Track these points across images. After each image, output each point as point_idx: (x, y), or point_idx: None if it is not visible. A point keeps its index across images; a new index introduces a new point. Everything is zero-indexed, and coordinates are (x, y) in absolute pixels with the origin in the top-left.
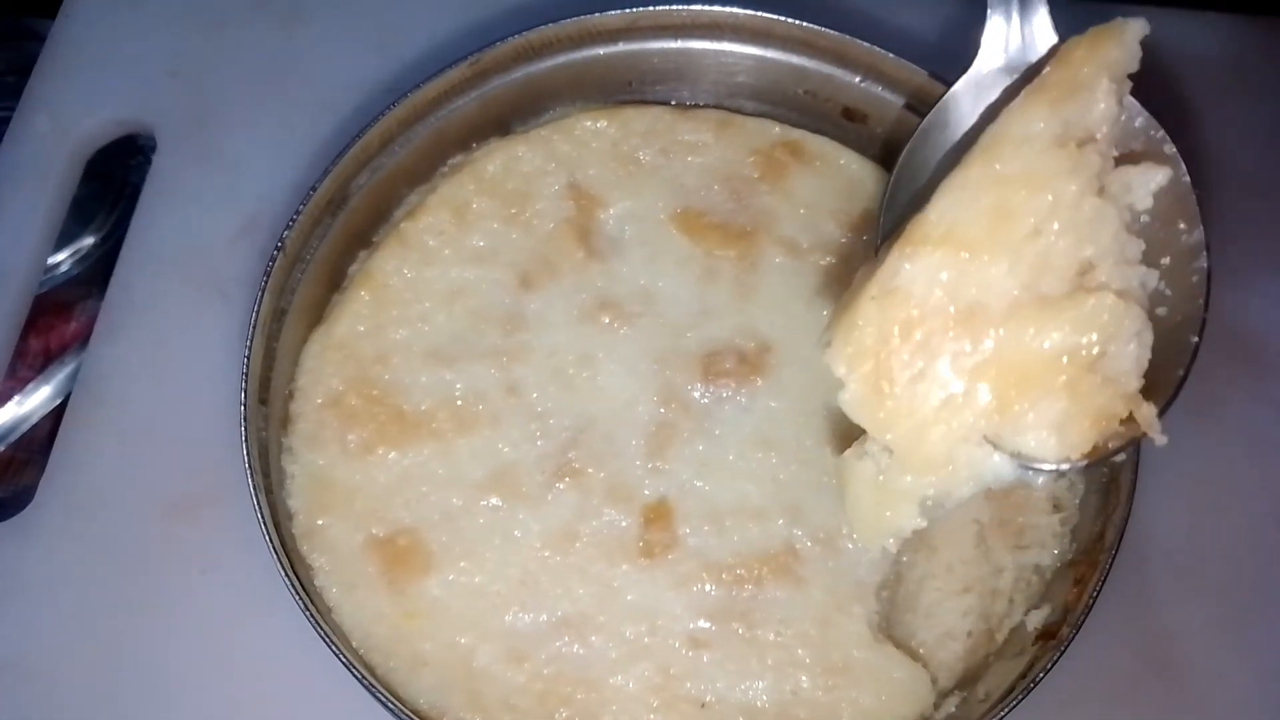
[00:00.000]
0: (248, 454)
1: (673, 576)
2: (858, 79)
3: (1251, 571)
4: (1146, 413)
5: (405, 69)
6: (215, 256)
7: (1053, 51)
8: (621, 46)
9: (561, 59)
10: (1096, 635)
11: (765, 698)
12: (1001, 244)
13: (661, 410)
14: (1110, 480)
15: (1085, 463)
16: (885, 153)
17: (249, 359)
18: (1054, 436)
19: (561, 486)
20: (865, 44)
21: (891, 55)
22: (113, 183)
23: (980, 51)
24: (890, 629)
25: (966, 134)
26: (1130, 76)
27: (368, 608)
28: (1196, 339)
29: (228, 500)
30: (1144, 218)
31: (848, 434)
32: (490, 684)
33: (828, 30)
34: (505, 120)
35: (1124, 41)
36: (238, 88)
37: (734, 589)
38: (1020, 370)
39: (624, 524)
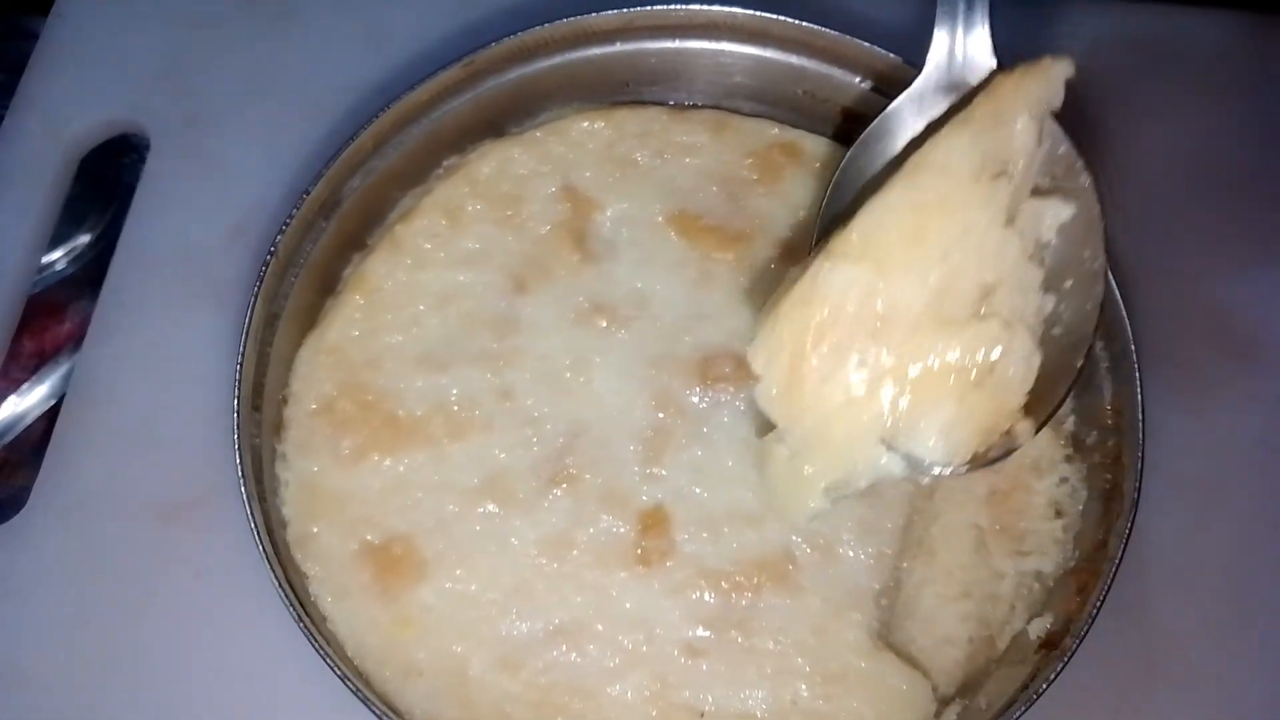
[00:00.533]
0: (240, 462)
1: (669, 584)
2: (856, 79)
3: (1252, 575)
4: (1023, 428)
5: (398, 70)
6: (208, 259)
7: (987, 80)
8: (617, 47)
9: (556, 60)
10: (1096, 639)
11: (763, 707)
12: (912, 265)
13: (658, 415)
14: (1113, 487)
15: (966, 469)
16: None
17: (241, 366)
18: (941, 442)
19: (557, 493)
20: (864, 44)
21: (891, 55)
22: (107, 181)
23: (925, 68)
24: (889, 635)
25: (904, 149)
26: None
27: (361, 616)
28: (1081, 363)
29: (221, 504)
30: (1055, 240)
31: None
32: (485, 693)
33: (826, 30)
34: (499, 122)
35: (1048, 80)
36: (230, 88)
37: (731, 596)
38: (916, 381)
39: (620, 530)
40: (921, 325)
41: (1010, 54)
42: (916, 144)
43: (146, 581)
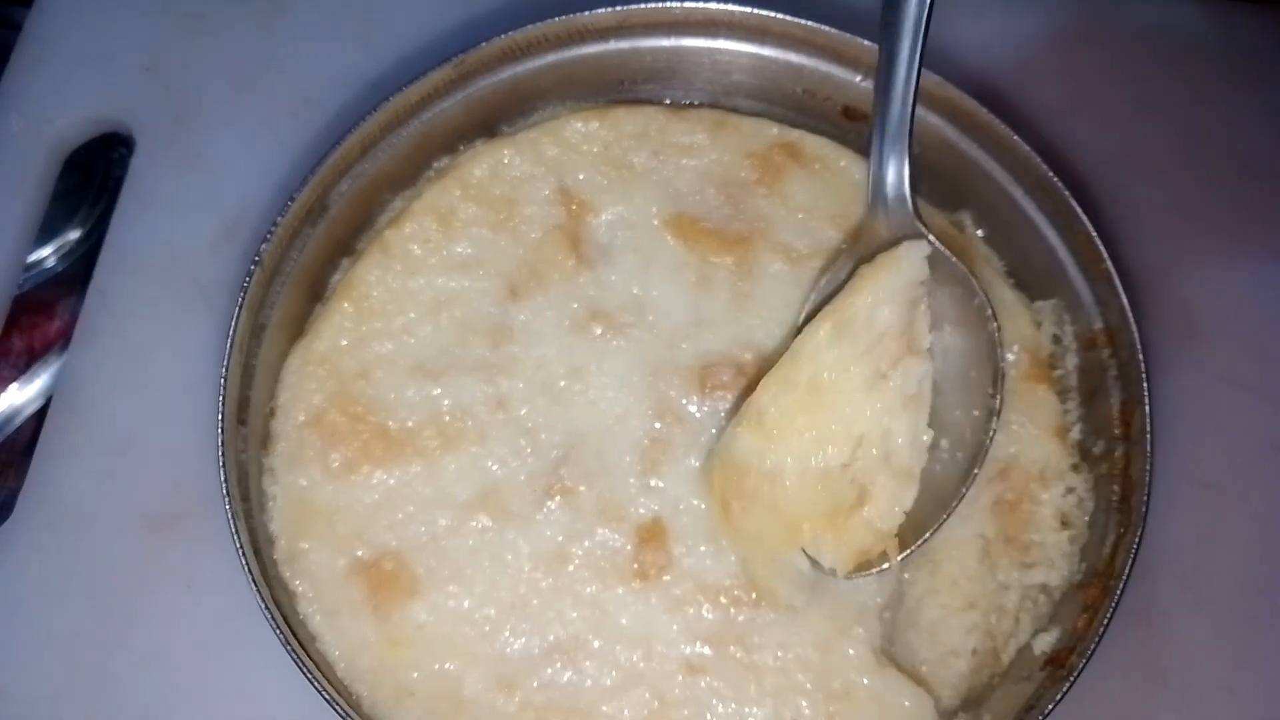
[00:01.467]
0: (225, 479)
1: (668, 599)
2: (858, 77)
3: (1265, 582)
4: (891, 552)
5: (389, 65)
6: (195, 261)
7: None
8: (612, 45)
9: (549, 58)
10: (1103, 646)
11: None
12: (789, 433)
13: (655, 425)
14: (1121, 499)
15: (855, 575)
16: None
17: (226, 380)
18: (828, 556)
19: (552, 505)
20: (865, 41)
21: None
22: (97, 176)
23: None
24: (891, 648)
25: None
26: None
27: (351, 636)
28: (965, 489)
29: (209, 516)
30: (957, 371)
31: None
32: (479, 714)
33: (826, 27)
34: (492, 122)
35: (903, 269)
36: (216, 84)
37: (731, 611)
38: (803, 516)
39: (617, 544)
40: (805, 475)
41: (1015, 50)
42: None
43: (133, 595)
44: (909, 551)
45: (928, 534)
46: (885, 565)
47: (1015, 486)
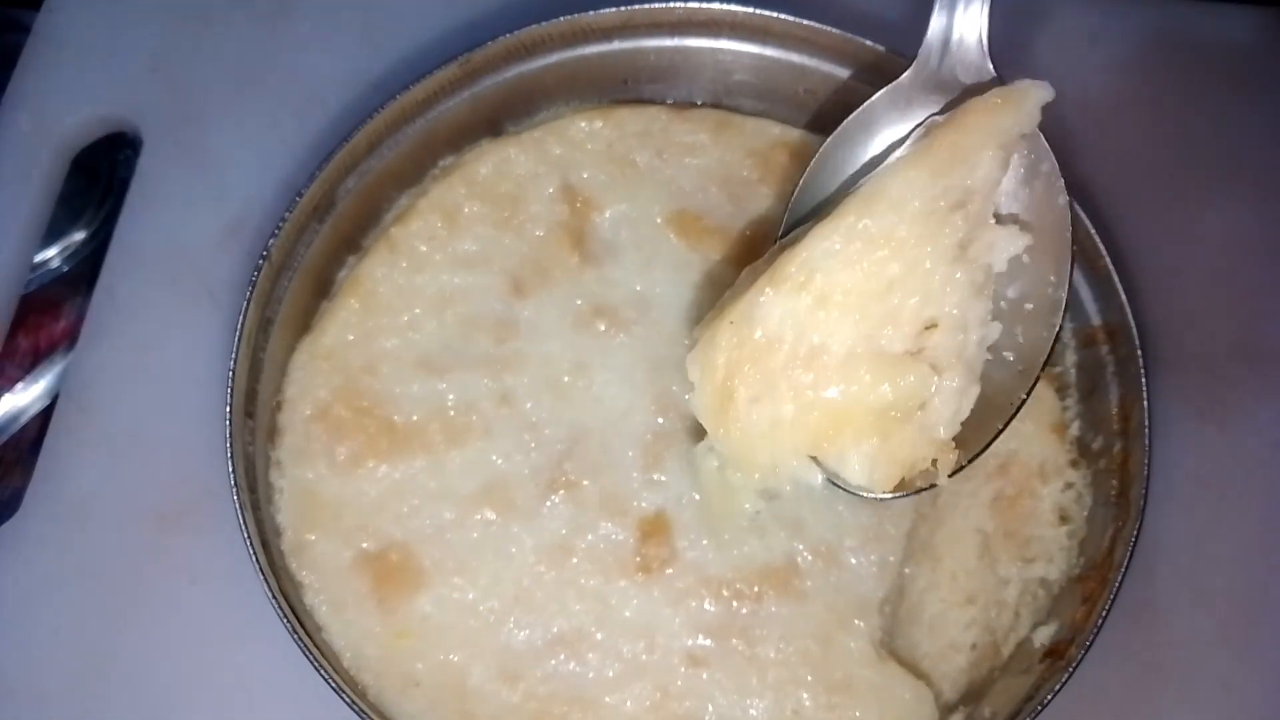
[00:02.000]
0: (233, 471)
1: (671, 592)
2: (860, 77)
3: (1264, 580)
4: (945, 462)
5: (394, 64)
6: (202, 259)
7: (970, 92)
8: (616, 45)
9: (554, 58)
10: (1102, 644)
11: (766, 717)
12: (852, 300)
13: (658, 420)
14: (1119, 494)
15: (891, 496)
16: None
17: (234, 374)
18: (865, 469)
19: (556, 499)
20: (867, 41)
21: (895, 53)
22: (102, 176)
23: (914, 63)
24: (892, 642)
25: (885, 149)
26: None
27: (358, 626)
28: (1025, 396)
29: (217, 510)
30: (1023, 261)
31: None
32: (483, 704)
33: (828, 27)
34: (497, 121)
35: (1022, 108)
36: (222, 83)
37: (733, 604)
38: (844, 412)
39: (620, 538)
40: (855, 359)
41: (1018, 52)
42: (897, 145)
43: (142, 588)
44: (962, 466)
45: (983, 446)
46: (932, 484)
47: (1015, 482)
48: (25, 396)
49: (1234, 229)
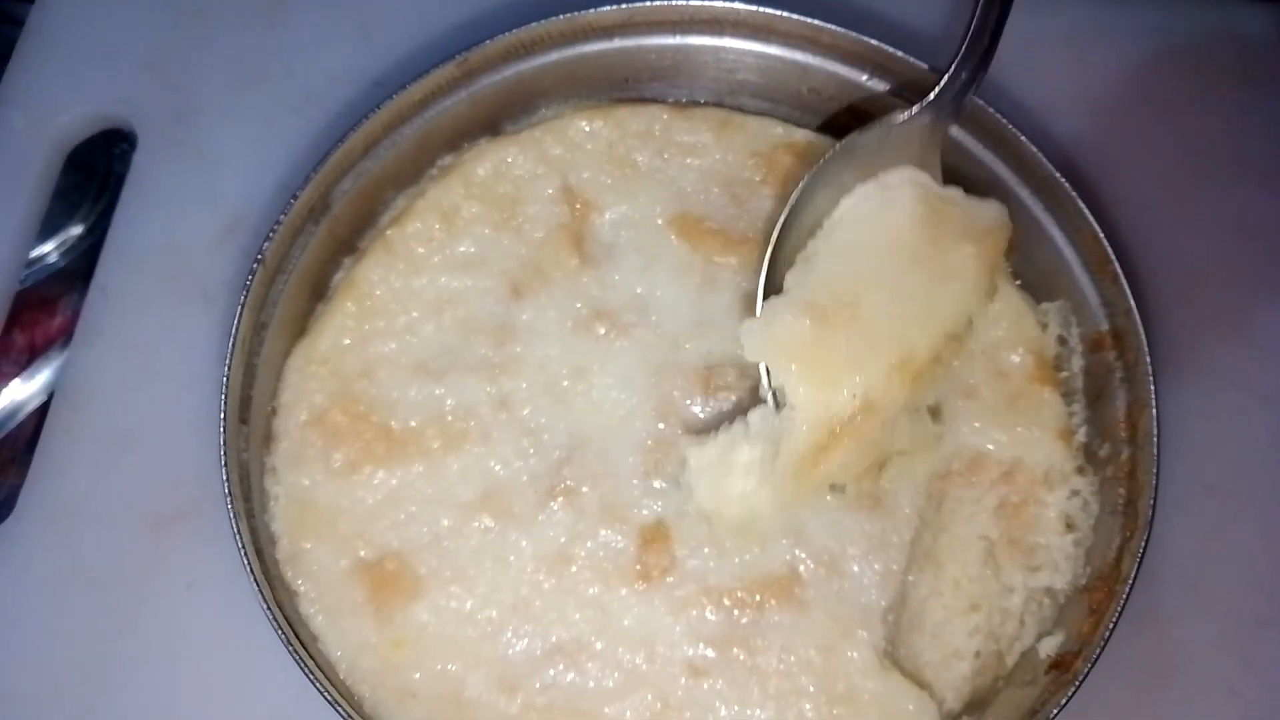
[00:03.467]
0: (227, 478)
1: (671, 601)
2: (864, 77)
3: (1266, 587)
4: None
5: (392, 61)
6: (197, 258)
7: None
8: (616, 43)
9: (553, 56)
10: (1108, 649)
11: None
12: None
13: (659, 426)
14: (1127, 503)
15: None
16: None
17: (228, 379)
18: None
19: (555, 506)
20: (871, 40)
21: (899, 52)
22: (99, 171)
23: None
24: (895, 650)
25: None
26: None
27: (353, 636)
28: None
29: (212, 514)
30: None
31: None
32: (481, 715)
33: (832, 26)
34: (495, 121)
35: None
36: (218, 81)
37: (735, 614)
38: None
39: (620, 545)
40: None
41: (1026, 49)
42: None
43: (136, 592)
44: None
45: None
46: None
47: (1020, 489)
48: (22, 393)
49: (1246, 232)
